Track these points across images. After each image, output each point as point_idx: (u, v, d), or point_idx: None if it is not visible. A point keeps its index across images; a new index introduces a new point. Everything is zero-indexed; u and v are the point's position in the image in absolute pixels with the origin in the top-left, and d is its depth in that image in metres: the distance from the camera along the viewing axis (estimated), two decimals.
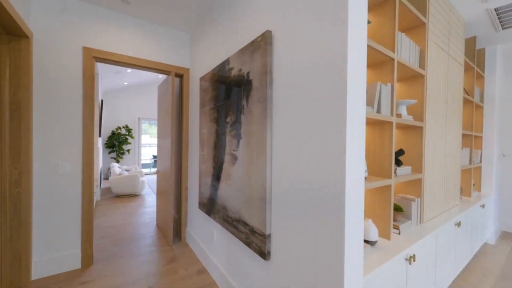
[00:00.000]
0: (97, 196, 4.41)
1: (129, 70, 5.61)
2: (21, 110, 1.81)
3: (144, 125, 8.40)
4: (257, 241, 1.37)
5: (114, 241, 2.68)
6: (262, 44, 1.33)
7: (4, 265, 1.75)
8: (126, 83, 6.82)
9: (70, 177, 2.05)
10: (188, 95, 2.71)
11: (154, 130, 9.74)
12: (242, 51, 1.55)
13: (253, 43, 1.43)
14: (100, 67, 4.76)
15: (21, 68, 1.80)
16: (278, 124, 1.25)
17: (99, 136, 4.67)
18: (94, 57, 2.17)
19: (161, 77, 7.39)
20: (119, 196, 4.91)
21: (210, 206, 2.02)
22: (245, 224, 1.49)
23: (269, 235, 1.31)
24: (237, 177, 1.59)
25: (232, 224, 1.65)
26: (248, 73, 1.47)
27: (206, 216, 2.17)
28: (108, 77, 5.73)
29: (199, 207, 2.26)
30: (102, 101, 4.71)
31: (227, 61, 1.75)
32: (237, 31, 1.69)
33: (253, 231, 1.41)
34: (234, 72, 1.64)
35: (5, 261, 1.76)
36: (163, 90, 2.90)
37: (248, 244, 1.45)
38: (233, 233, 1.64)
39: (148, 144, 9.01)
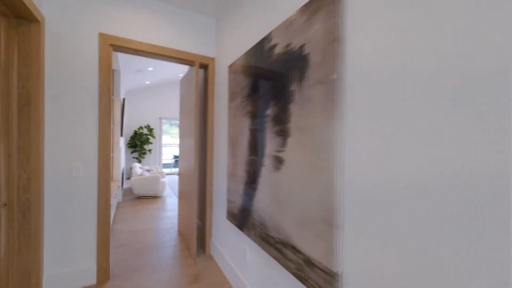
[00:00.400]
0: (118, 197, 4.28)
1: (150, 68, 5.49)
2: (31, 104, 1.59)
3: (165, 126, 8.35)
4: (317, 279, 0.98)
5: (133, 251, 2.43)
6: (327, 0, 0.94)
7: (11, 282, 1.53)
8: (147, 82, 6.76)
9: (85, 181, 1.81)
10: (214, 88, 2.39)
11: (174, 130, 9.72)
12: (291, 20, 1.17)
13: (310, 3, 1.04)
14: (121, 64, 4.65)
15: (31, 56, 1.58)
16: (360, 111, 0.85)
17: (121, 135, 4.56)
18: (111, 45, 1.92)
19: (182, 75, 7.26)
20: (140, 198, 4.77)
21: (242, 218, 1.67)
22: (296, 250, 1.11)
23: (340, 275, 0.91)
24: (284, 187, 1.21)
25: (275, 247, 1.28)
26: (301, 47, 1.09)
27: (236, 229, 1.82)
28: (130, 76, 5.65)
29: (228, 218, 1.92)
30: (124, 99, 4.59)
31: (267, 38, 1.39)
32: None
33: (310, 262, 1.02)
34: (278, 50, 1.27)
35: (13, 278, 1.54)
36: (186, 84, 2.61)
37: (302, 279, 1.07)
38: (276, 258, 1.27)
39: (168, 144, 8.98)
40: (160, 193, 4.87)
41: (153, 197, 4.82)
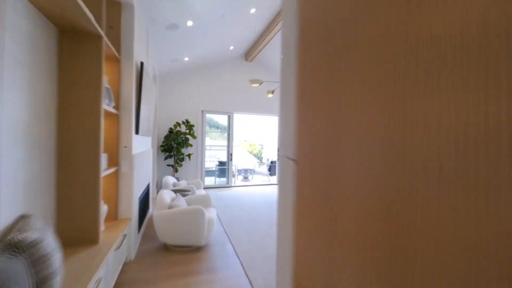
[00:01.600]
0: (134, 245, 2.18)
1: (189, 22, 3.33)
2: None
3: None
4: None
5: None
6: None
7: None
8: (186, 58, 4.72)
9: None
10: None
11: (214, 133, 7.66)
12: None
13: None
14: (140, 6, 2.55)
15: None
16: None
17: (136, 132, 2.45)
18: None
19: (233, 48, 5.03)
20: (168, 249, 2.60)
21: None
22: None
23: None
24: None
25: None
26: None
27: None
28: (158, 36, 3.59)
29: None
30: (142, 64, 2.50)
31: None
32: None
33: None
34: None
35: None
36: None
37: None
38: None
39: (208, 147, 6.99)
40: (203, 241, 2.63)
41: (190, 250, 2.61)
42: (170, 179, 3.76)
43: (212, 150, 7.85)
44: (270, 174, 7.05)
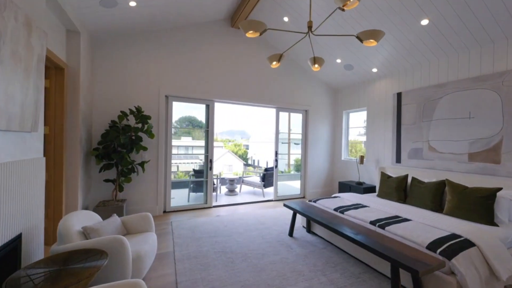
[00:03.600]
0: None
1: None
2: None
3: (179, 115, 4.38)
4: None
5: None
6: None
7: None
8: (133, 3, 2.82)
9: None
10: None
11: (198, 133, 5.83)
12: None
13: None
14: None
15: None
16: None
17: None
18: None
19: (210, 4, 3.23)
20: None
21: None
22: None
23: None
24: None
25: None
26: None
27: None
28: None
29: None
30: None
31: None
32: None
33: None
34: None
35: None
36: None
37: None
38: None
39: (180, 149, 5.08)
40: None
41: None
42: (75, 221, 1.84)
43: (188, 154, 5.95)
44: (265, 186, 5.30)
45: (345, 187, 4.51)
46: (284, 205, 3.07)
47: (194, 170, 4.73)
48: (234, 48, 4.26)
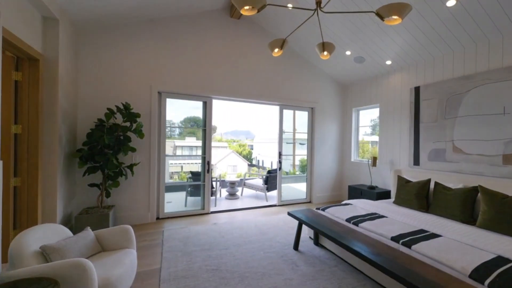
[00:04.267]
0: None
1: None
2: None
3: (173, 113, 4.06)
4: None
5: None
6: None
7: None
8: None
9: None
10: None
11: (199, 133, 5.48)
12: None
13: None
14: None
15: None
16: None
17: None
18: None
19: None
20: None
21: None
22: None
23: None
24: None
25: None
26: None
27: None
28: None
29: None
30: None
31: None
32: None
33: None
34: None
35: None
36: None
37: None
38: None
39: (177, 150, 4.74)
40: None
41: None
42: (34, 239, 1.50)
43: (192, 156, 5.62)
44: (268, 189, 4.94)
45: (355, 191, 4.11)
46: (289, 214, 2.70)
47: (191, 172, 4.41)
48: (234, 40, 3.92)
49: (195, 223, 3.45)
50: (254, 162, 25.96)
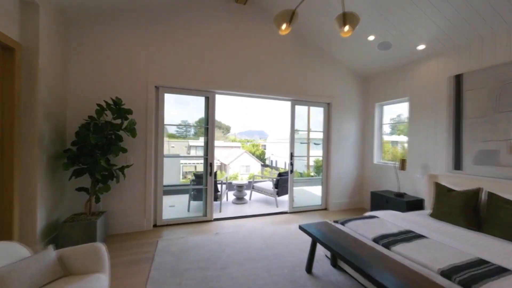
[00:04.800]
0: None
1: None
2: None
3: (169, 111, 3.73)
4: None
5: None
6: None
7: None
8: None
9: None
10: None
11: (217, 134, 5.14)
12: None
13: None
14: None
15: None
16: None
17: None
18: None
19: None
20: None
21: None
22: None
23: None
24: None
25: None
26: None
27: None
28: None
29: None
30: None
31: None
32: None
33: None
34: None
35: None
36: None
37: None
38: None
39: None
40: None
41: None
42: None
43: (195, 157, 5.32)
44: (278, 193, 4.48)
45: (379, 199, 3.54)
46: (300, 228, 2.24)
47: (194, 174, 4.06)
48: (239, 28, 3.51)
49: (195, 232, 3.09)
50: (267, 162, 25.51)
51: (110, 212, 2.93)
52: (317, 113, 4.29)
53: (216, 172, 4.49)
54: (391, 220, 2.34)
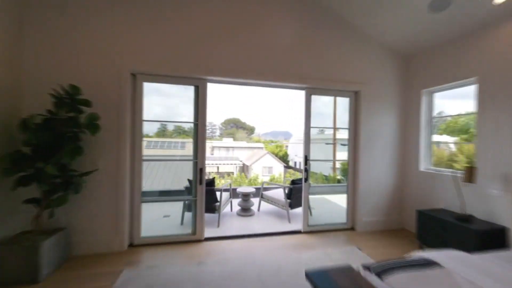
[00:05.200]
0: None
1: None
2: None
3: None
4: None
5: None
6: None
7: None
8: None
9: None
10: None
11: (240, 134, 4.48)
12: None
13: None
14: None
15: None
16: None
17: None
18: None
19: None
20: None
21: None
22: None
23: None
24: None
25: None
26: None
27: None
28: None
29: None
30: None
31: None
32: None
33: None
34: None
35: None
36: None
37: None
38: None
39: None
40: None
41: None
42: None
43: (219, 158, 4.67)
44: (291, 206, 3.64)
45: (431, 222, 2.51)
46: (307, 276, 1.41)
47: (189, 180, 3.40)
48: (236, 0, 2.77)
49: (177, 256, 2.41)
50: (291, 164, 24.41)
51: (73, 228, 2.38)
52: (340, 104, 3.36)
53: (213, 178, 3.79)
54: (465, 275, 1.38)
